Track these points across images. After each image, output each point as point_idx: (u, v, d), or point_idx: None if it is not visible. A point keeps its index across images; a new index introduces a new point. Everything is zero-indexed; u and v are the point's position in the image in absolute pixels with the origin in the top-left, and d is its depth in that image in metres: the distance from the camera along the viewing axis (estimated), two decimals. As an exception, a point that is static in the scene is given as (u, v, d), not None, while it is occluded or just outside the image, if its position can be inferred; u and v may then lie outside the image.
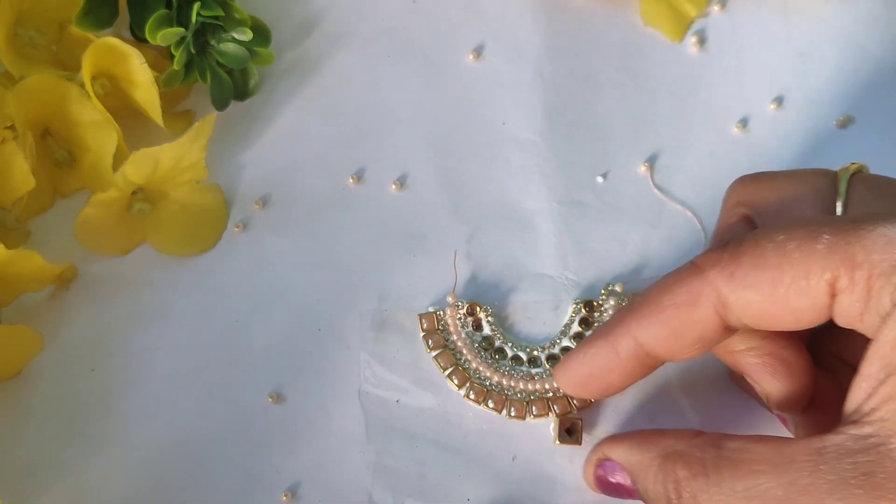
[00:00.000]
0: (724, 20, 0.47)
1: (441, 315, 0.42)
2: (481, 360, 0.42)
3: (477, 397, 0.41)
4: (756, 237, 0.32)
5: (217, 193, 0.45)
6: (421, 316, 0.42)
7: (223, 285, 0.44)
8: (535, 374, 0.42)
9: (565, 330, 0.42)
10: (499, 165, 0.45)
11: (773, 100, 0.46)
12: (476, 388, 0.41)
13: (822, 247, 0.31)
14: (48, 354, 0.43)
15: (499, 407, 0.41)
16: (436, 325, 0.42)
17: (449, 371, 0.42)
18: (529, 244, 0.44)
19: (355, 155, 0.46)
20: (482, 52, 0.47)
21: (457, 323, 0.42)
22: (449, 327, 0.42)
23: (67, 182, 0.45)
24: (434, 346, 0.42)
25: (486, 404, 0.41)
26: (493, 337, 0.42)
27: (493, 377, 0.41)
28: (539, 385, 0.41)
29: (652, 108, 0.46)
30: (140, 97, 0.43)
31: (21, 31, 0.44)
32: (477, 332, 0.42)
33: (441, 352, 0.42)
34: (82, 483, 0.41)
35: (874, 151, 0.45)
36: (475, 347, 0.42)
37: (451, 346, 0.42)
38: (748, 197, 0.38)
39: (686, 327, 0.34)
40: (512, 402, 0.41)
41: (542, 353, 0.42)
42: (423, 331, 0.42)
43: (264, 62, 0.46)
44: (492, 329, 0.42)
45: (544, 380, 0.41)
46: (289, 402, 0.42)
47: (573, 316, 0.42)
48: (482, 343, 0.42)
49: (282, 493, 0.40)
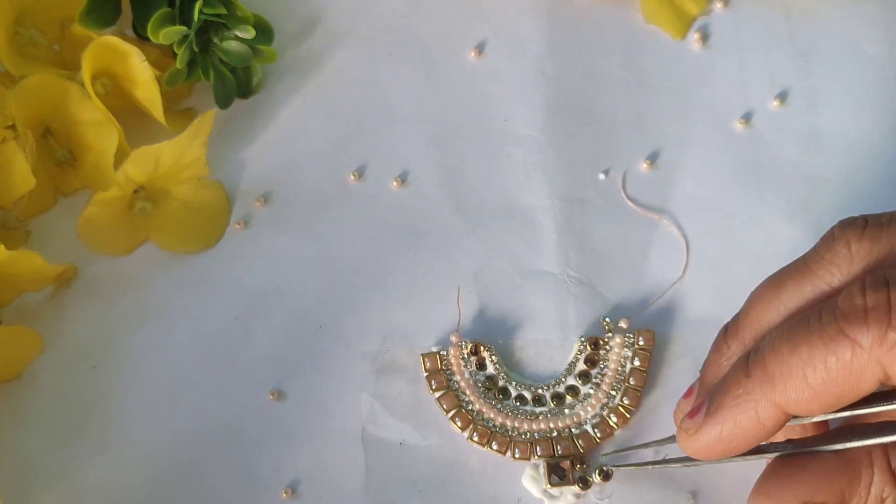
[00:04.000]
0: (726, 17, 0.47)
1: (444, 355, 0.42)
2: (485, 402, 0.41)
3: (480, 439, 0.40)
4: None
5: (219, 190, 0.45)
6: (423, 356, 0.42)
7: (224, 283, 0.44)
8: (539, 413, 0.41)
9: (570, 368, 0.42)
10: (500, 162, 0.45)
11: (775, 96, 0.46)
12: (479, 430, 0.40)
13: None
14: (49, 354, 0.43)
15: (503, 449, 0.40)
16: (438, 366, 0.41)
17: (452, 413, 0.41)
18: (531, 241, 0.44)
19: (356, 152, 0.46)
20: (484, 49, 0.47)
21: (460, 363, 0.42)
22: (452, 367, 0.42)
23: (69, 181, 0.45)
24: (437, 388, 0.41)
25: (490, 446, 0.40)
26: (497, 376, 0.41)
27: (497, 418, 0.41)
28: (544, 424, 0.41)
29: (654, 104, 0.46)
30: (141, 95, 0.43)
31: (21, 31, 0.44)
32: (480, 372, 0.42)
33: (444, 393, 0.41)
34: (83, 482, 0.41)
35: (875, 150, 0.45)
36: (479, 388, 0.41)
37: (454, 386, 0.41)
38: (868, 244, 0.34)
39: (842, 400, 0.31)
40: (516, 443, 0.40)
41: (547, 392, 0.41)
42: (425, 371, 0.41)
43: (267, 60, 0.46)
44: (496, 368, 0.42)
45: (549, 419, 0.41)
46: (289, 399, 0.42)
47: (578, 354, 0.42)
48: (486, 383, 0.41)
49: (282, 491, 0.40)
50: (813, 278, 0.33)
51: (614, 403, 0.41)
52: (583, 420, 0.41)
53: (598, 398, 0.41)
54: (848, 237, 0.33)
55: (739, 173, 0.45)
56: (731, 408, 0.32)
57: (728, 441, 0.33)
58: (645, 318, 0.43)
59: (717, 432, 0.33)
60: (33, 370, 0.42)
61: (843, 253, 0.33)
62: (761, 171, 0.45)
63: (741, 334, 0.35)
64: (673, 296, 0.43)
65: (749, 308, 0.35)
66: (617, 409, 0.41)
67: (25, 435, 0.41)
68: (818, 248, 0.34)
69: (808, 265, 0.34)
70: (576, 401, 0.41)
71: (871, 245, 0.32)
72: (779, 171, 0.45)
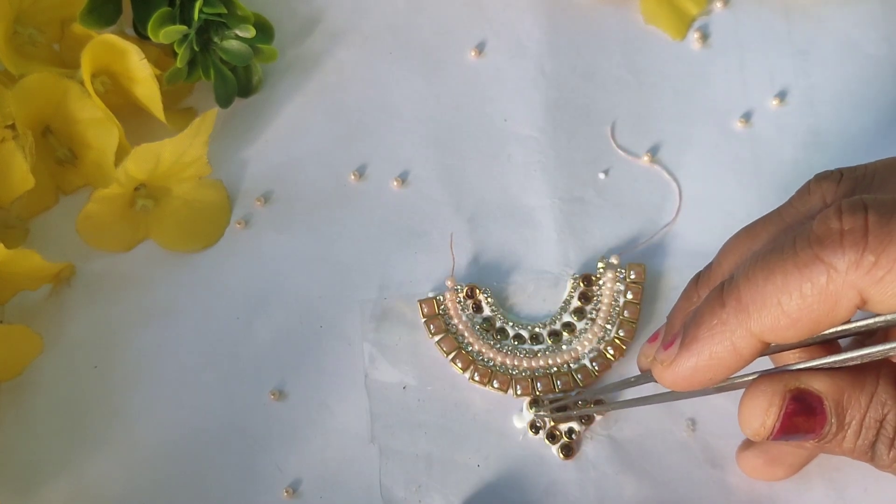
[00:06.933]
0: (726, 17, 0.48)
1: (441, 300, 0.42)
2: (483, 342, 0.42)
3: (482, 379, 0.41)
4: (888, 214, 0.29)
5: (220, 189, 0.45)
6: (420, 302, 0.42)
7: (224, 282, 0.44)
8: (537, 350, 0.42)
9: (565, 305, 0.42)
10: (500, 162, 0.45)
11: (775, 95, 0.46)
12: (480, 370, 0.41)
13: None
14: (50, 353, 0.42)
15: (504, 387, 0.41)
16: (436, 311, 0.42)
17: (452, 355, 0.42)
18: (531, 240, 0.44)
19: (357, 152, 0.46)
20: (484, 49, 0.47)
21: (457, 306, 0.42)
22: (449, 311, 0.42)
23: (70, 179, 0.45)
24: (435, 332, 0.42)
25: (492, 385, 0.41)
26: (494, 318, 0.42)
27: (497, 358, 0.42)
28: (543, 361, 0.41)
29: (654, 104, 0.46)
30: (141, 93, 0.43)
31: (20, 30, 0.44)
32: (477, 314, 0.42)
33: (443, 336, 0.42)
34: (84, 481, 0.41)
35: (874, 148, 0.45)
36: (476, 330, 0.42)
37: (453, 329, 0.42)
38: None
39: (820, 326, 0.30)
40: (517, 380, 0.41)
41: (544, 330, 0.42)
42: (423, 317, 0.42)
43: (267, 59, 0.46)
44: (492, 310, 0.42)
45: (547, 355, 0.41)
46: (290, 398, 0.42)
47: (572, 291, 0.43)
48: (483, 325, 0.42)
49: (283, 490, 0.40)
50: (787, 230, 0.33)
51: (610, 336, 0.42)
52: (580, 355, 0.42)
53: (594, 332, 0.42)
54: (823, 190, 0.33)
55: (739, 172, 0.45)
56: (706, 339, 0.31)
57: (704, 371, 0.32)
58: (635, 254, 0.44)
59: (693, 363, 0.32)
60: (35, 369, 0.42)
61: (818, 205, 0.33)
62: (761, 170, 0.45)
63: (713, 283, 0.34)
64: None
65: (722, 258, 0.35)
66: (613, 342, 0.42)
67: (26, 434, 0.41)
68: (793, 200, 0.34)
69: (782, 217, 0.34)
70: (573, 336, 0.42)
71: (846, 198, 0.31)
72: (778, 170, 0.45)
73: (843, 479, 0.40)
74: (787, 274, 0.30)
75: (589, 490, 0.40)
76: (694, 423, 0.41)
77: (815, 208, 0.33)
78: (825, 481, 0.40)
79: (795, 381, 0.32)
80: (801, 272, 0.29)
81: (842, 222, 0.29)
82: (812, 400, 0.32)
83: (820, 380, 0.32)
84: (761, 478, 0.39)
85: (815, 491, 0.40)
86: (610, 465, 0.40)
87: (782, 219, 0.34)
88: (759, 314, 0.30)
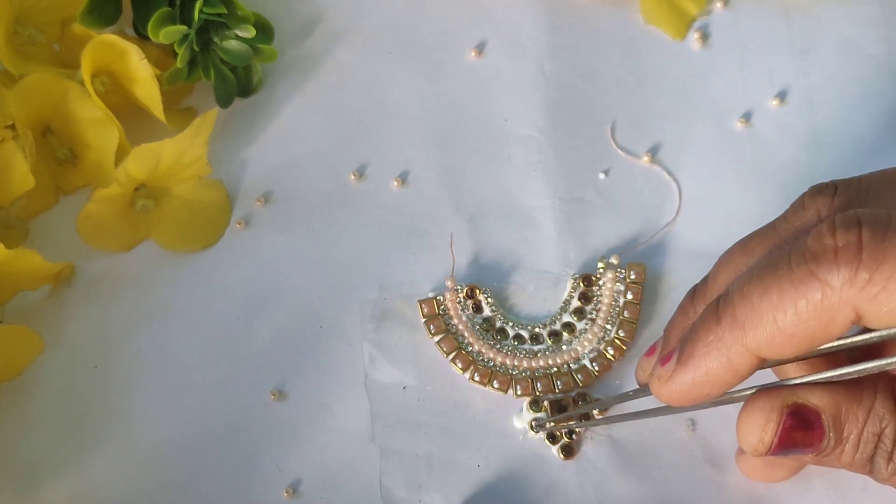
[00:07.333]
0: (726, 17, 0.48)
1: (441, 300, 0.42)
2: (483, 343, 0.42)
3: (482, 379, 0.41)
4: (882, 230, 0.29)
5: (220, 190, 0.45)
6: (420, 302, 0.42)
7: (224, 282, 0.44)
8: (537, 350, 0.42)
9: (565, 306, 0.42)
10: (500, 162, 0.45)
11: (775, 95, 0.46)
12: (480, 371, 0.41)
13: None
14: (50, 353, 0.42)
15: (504, 387, 0.41)
16: (436, 311, 0.42)
17: (452, 355, 0.42)
18: (531, 241, 0.44)
19: (357, 152, 0.46)
20: (484, 49, 0.47)
21: (457, 306, 0.42)
22: (449, 311, 0.42)
23: (70, 179, 0.45)
24: (435, 332, 0.42)
25: (492, 385, 0.41)
26: (494, 318, 0.42)
27: (497, 358, 0.42)
28: (543, 361, 0.41)
29: (654, 103, 0.46)
30: (141, 93, 0.43)
31: (20, 30, 0.44)
32: (477, 315, 0.42)
33: (443, 337, 0.42)
34: (84, 481, 0.41)
35: (874, 148, 0.45)
36: (476, 330, 0.42)
37: (453, 330, 0.42)
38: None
39: (815, 342, 0.30)
40: (517, 380, 0.41)
41: (544, 330, 0.42)
42: (423, 317, 0.42)
43: (267, 59, 0.46)
44: (492, 310, 0.42)
45: (547, 356, 0.42)
46: (290, 398, 0.42)
47: (572, 292, 0.43)
48: (483, 325, 0.42)
49: (283, 490, 0.40)
50: (782, 244, 0.33)
51: (610, 337, 0.42)
52: (580, 355, 0.42)
53: (594, 333, 0.42)
54: (818, 204, 0.33)
55: (739, 172, 0.45)
56: (702, 355, 0.32)
57: (701, 387, 0.32)
58: (635, 255, 0.44)
59: (689, 379, 0.32)
60: (35, 369, 0.42)
61: (812, 219, 0.33)
62: (761, 170, 0.45)
63: (708, 298, 0.35)
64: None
65: (717, 272, 0.35)
66: (613, 342, 0.42)
67: (26, 434, 0.41)
68: (787, 215, 0.34)
69: (776, 231, 0.34)
70: (572, 337, 0.42)
71: (841, 212, 0.31)
72: (778, 170, 0.45)
73: (843, 480, 0.40)
74: (781, 290, 0.30)
75: (589, 490, 0.40)
76: (694, 423, 0.41)
77: (810, 222, 0.33)
78: (825, 482, 0.40)
79: (793, 395, 0.33)
80: (796, 289, 0.29)
81: (836, 238, 0.29)
82: (809, 414, 0.32)
83: (817, 394, 0.32)
84: (761, 479, 0.39)
85: (815, 491, 0.40)
86: (610, 465, 0.40)
87: (777, 233, 0.34)
88: (754, 330, 0.30)
